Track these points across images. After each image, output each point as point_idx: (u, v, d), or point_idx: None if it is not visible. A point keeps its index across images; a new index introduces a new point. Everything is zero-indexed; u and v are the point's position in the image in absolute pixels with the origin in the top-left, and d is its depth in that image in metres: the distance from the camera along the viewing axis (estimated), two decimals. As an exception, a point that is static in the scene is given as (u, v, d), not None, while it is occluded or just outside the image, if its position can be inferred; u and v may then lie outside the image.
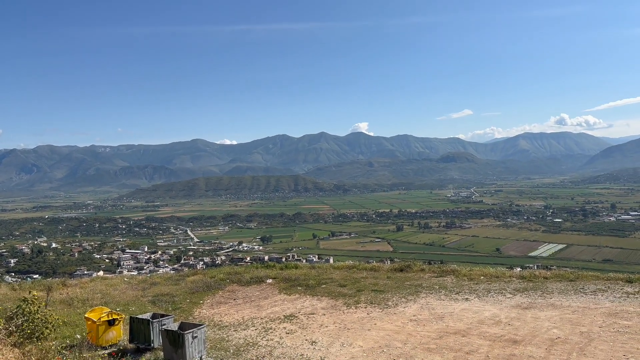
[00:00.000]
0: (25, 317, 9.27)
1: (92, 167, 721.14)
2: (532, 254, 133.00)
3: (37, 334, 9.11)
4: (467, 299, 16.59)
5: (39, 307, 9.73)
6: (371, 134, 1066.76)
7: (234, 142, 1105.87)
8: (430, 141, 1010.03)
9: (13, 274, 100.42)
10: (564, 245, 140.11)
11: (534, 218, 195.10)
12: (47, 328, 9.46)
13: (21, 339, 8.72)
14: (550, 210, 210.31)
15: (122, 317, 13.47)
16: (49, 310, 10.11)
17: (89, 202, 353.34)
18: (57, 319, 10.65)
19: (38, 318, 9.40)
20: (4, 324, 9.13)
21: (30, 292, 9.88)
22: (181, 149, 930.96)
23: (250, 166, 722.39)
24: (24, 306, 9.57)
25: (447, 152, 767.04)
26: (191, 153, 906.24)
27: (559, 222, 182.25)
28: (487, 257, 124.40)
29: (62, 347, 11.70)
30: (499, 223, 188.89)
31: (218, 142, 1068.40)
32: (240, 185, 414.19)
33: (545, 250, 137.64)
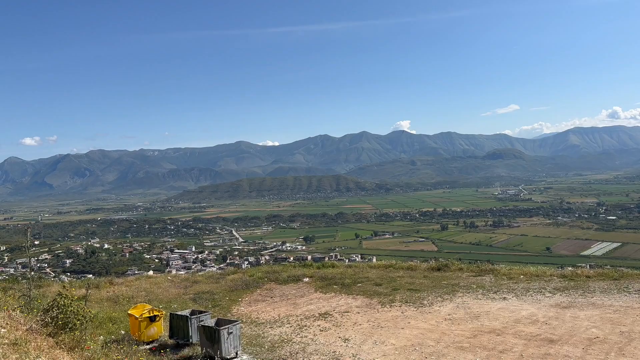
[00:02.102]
0: (60, 310, 9.95)
1: (142, 170, 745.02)
2: (585, 253, 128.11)
3: (70, 325, 9.76)
4: (504, 298, 16.33)
5: (72, 301, 10.40)
6: (413, 132, 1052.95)
7: (276, 143, 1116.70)
8: (475, 138, 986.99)
9: (69, 274, 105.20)
10: (619, 244, 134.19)
11: (585, 216, 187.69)
12: (78, 320, 10.11)
13: (55, 329, 9.38)
14: (604, 208, 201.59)
15: (162, 314, 14.06)
16: (80, 303, 10.76)
17: (138, 204, 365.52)
18: (89, 312, 11.32)
19: (71, 310, 10.06)
20: (41, 316, 9.83)
21: (64, 286, 10.62)
22: (225, 151, 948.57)
23: (293, 167, 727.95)
24: (58, 299, 10.28)
25: (493, 149, 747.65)
26: (235, 155, 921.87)
27: (613, 219, 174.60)
28: (536, 257, 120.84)
29: (105, 341, 12.41)
30: (549, 221, 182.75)
31: (260, 144, 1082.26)
32: (283, 185, 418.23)
33: (598, 249, 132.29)
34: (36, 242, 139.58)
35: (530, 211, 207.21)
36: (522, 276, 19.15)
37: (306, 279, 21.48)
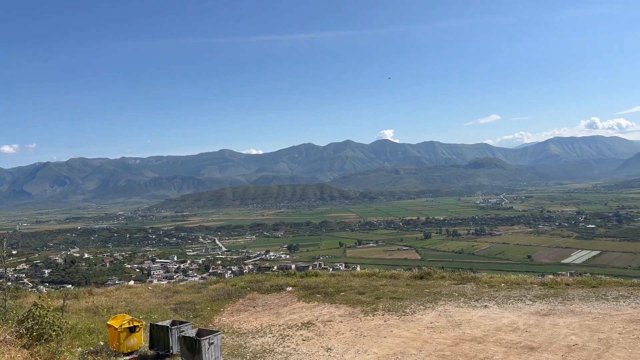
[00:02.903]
0: (35, 321, 9.78)
1: (123, 179, 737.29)
2: (565, 261, 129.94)
3: (45, 336, 9.60)
4: (486, 306, 16.46)
5: (48, 311, 10.22)
6: (397, 141, 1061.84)
7: (260, 152, 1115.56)
8: (457, 147, 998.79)
9: (47, 284, 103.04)
10: (598, 252, 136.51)
11: (566, 224, 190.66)
12: (54, 331, 9.95)
13: (30, 341, 9.22)
14: (583, 216, 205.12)
15: (142, 324, 13.86)
16: (57, 314, 10.59)
17: (119, 212, 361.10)
18: (66, 323, 11.15)
19: (46, 321, 9.90)
20: (15, 327, 9.64)
21: (40, 297, 10.43)
22: (209, 160, 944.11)
23: (277, 175, 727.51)
24: (34, 310, 10.11)
25: (475, 158, 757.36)
26: (218, 163, 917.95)
27: (592, 228, 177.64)
28: (518, 265, 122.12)
29: (83, 352, 12.18)
30: (529, 230, 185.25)
31: (244, 152, 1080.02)
32: (267, 194, 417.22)
33: (578, 257, 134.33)
34: (14, 252, 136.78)
35: (511, 220, 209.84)
36: (503, 284, 19.34)
37: (289, 288, 21.38)
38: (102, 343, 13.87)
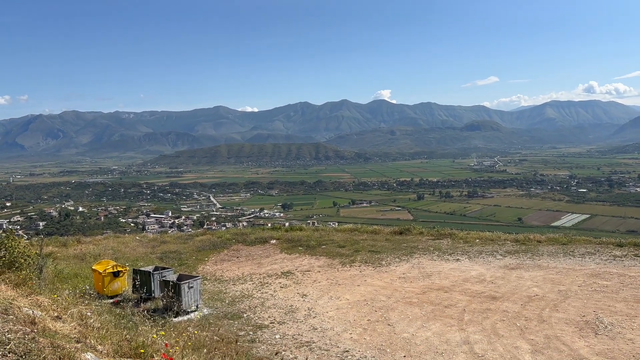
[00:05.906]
0: (7, 250, 10.49)
1: (117, 133, 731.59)
2: (555, 224, 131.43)
3: (16, 265, 10.32)
4: (458, 259, 17.16)
5: (19, 242, 10.89)
6: (394, 101, 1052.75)
7: (255, 109, 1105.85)
8: (454, 109, 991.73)
9: (42, 236, 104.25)
10: (588, 216, 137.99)
11: (558, 188, 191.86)
12: (25, 260, 10.69)
13: (2, 269, 9.90)
14: (575, 180, 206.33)
15: (126, 270, 14.49)
16: (27, 244, 11.31)
17: (114, 167, 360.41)
18: (35, 253, 11.86)
19: (17, 251, 10.61)
20: None
21: (11, 229, 11.06)
22: (203, 116, 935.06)
23: (272, 134, 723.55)
24: (5, 241, 10.79)
25: (471, 121, 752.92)
26: (213, 120, 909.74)
27: (584, 192, 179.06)
28: (508, 227, 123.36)
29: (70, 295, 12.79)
30: (522, 193, 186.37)
31: (240, 109, 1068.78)
32: (262, 152, 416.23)
33: (568, 220, 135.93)
34: (7, 204, 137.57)
35: (504, 182, 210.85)
36: (477, 240, 20.02)
37: (273, 241, 22.04)
38: (87, 287, 14.51)
